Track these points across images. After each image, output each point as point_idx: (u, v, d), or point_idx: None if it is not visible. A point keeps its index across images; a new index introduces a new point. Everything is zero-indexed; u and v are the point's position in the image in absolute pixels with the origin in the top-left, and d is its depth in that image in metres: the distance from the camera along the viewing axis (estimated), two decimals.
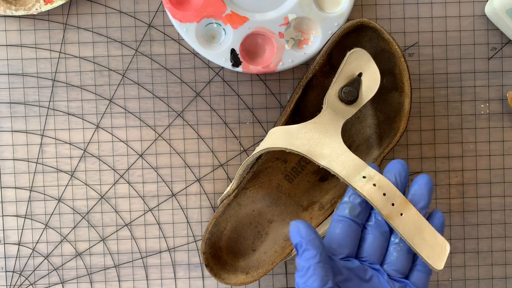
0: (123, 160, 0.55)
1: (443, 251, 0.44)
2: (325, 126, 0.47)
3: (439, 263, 0.44)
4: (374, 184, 0.45)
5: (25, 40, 0.54)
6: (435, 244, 0.44)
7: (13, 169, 0.55)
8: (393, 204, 0.45)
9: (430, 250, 0.44)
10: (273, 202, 0.54)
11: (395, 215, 0.45)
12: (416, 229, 0.44)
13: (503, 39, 0.55)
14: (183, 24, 0.52)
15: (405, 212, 0.45)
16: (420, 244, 0.44)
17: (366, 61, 0.48)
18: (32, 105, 0.55)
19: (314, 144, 0.47)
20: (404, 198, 0.45)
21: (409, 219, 0.45)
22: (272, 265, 0.53)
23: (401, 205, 0.45)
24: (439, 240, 0.44)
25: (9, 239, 0.56)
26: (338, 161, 0.46)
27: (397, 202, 0.45)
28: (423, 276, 0.46)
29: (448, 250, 0.45)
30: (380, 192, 0.45)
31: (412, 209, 0.45)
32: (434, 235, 0.44)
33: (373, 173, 0.45)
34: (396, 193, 0.45)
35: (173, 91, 0.55)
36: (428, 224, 0.45)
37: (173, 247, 0.56)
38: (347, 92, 0.48)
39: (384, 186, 0.45)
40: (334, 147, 0.47)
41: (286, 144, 0.47)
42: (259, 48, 0.53)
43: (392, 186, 0.45)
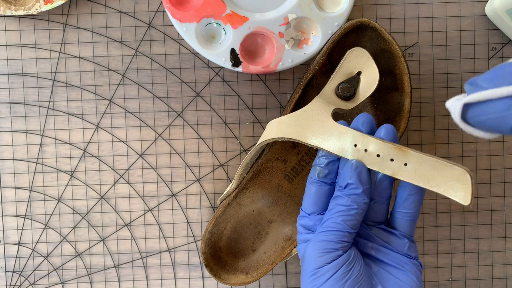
0: (123, 160, 0.55)
1: (465, 181, 0.41)
2: (314, 112, 0.47)
3: (466, 198, 0.41)
4: (365, 149, 0.44)
5: (25, 40, 0.54)
6: (454, 177, 0.41)
7: (13, 169, 0.55)
8: (392, 159, 0.43)
9: (451, 186, 0.41)
10: (273, 202, 0.54)
11: (399, 169, 0.43)
12: (428, 171, 0.42)
13: (503, 39, 0.55)
14: (183, 24, 0.52)
15: (407, 160, 0.43)
16: (439, 183, 0.41)
17: (365, 60, 0.48)
18: (32, 105, 0.55)
19: (304, 129, 0.47)
20: (400, 146, 0.42)
21: (415, 165, 0.42)
22: (272, 265, 0.53)
23: (399, 156, 0.43)
24: (456, 171, 0.41)
25: (9, 239, 0.56)
26: (328, 138, 0.45)
27: (394, 155, 0.43)
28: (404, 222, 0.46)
29: (470, 179, 0.41)
30: (374, 155, 0.44)
31: (413, 154, 0.42)
32: (451, 168, 0.41)
33: (361, 137, 0.44)
34: (389, 147, 0.43)
35: (173, 91, 0.55)
36: (438, 159, 0.42)
37: (173, 247, 0.56)
38: (343, 88, 0.48)
39: (375, 147, 0.43)
40: (324, 126, 0.46)
41: (277, 134, 0.47)
42: (259, 48, 0.53)
43: (380, 143, 0.43)
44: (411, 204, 0.46)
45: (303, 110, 0.47)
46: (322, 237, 0.44)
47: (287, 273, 0.57)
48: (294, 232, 0.53)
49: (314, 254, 0.44)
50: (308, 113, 0.47)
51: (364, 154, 0.44)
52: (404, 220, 0.46)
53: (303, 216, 0.47)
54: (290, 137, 0.46)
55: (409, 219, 0.46)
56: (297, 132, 0.46)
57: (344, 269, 0.44)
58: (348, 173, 0.45)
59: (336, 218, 0.44)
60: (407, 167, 0.43)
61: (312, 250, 0.44)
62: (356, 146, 0.44)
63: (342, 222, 0.44)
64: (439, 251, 0.57)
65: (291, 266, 0.57)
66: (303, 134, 0.46)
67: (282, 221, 0.54)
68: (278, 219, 0.54)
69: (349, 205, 0.44)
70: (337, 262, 0.44)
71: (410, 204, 0.46)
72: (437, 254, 0.57)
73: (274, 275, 0.57)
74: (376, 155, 0.44)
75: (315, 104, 0.48)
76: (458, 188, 0.41)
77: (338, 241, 0.44)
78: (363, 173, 0.44)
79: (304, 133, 0.46)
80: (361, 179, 0.44)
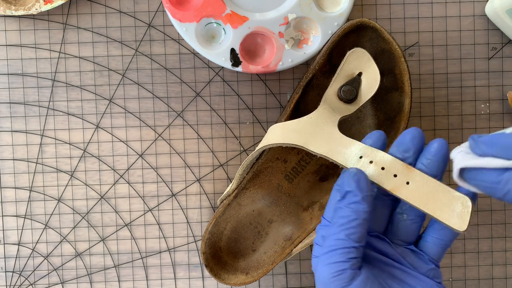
0: (123, 160, 0.55)
1: (464, 209, 0.40)
2: (321, 120, 0.47)
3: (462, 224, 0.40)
4: (370, 161, 0.43)
5: (25, 40, 0.54)
6: (453, 203, 0.41)
7: (13, 169, 0.55)
8: (395, 175, 0.42)
9: (449, 212, 0.41)
10: (273, 202, 0.54)
11: (400, 186, 0.42)
12: (428, 193, 0.41)
13: (503, 39, 0.55)
14: (183, 23, 0.52)
15: (410, 179, 0.42)
16: (437, 207, 0.41)
17: (366, 60, 0.48)
18: (32, 105, 0.55)
19: (309, 137, 0.46)
20: (406, 165, 0.42)
21: (417, 185, 0.42)
22: (272, 265, 0.53)
23: (404, 173, 0.42)
24: (457, 198, 0.41)
25: (9, 239, 0.56)
26: (334, 148, 0.45)
27: (399, 171, 0.42)
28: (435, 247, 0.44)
29: (470, 206, 0.40)
30: (378, 168, 0.43)
31: (418, 174, 0.42)
32: (450, 193, 0.41)
33: (368, 150, 0.44)
34: (395, 164, 0.42)
35: (173, 91, 0.55)
36: (441, 184, 0.41)
37: (173, 247, 0.56)
38: (346, 91, 0.48)
39: (381, 160, 0.43)
40: (329, 136, 0.46)
41: (282, 139, 0.47)
42: (259, 48, 0.53)
43: (388, 158, 0.43)
44: (447, 234, 0.43)
45: (309, 117, 0.47)
46: (328, 259, 0.42)
47: (287, 273, 0.57)
48: (294, 232, 0.53)
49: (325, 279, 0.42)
50: (314, 120, 0.47)
51: (368, 165, 0.43)
52: (436, 247, 0.44)
53: (325, 226, 0.44)
54: (295, 144, 0.46)
55: (441, 247, 0.44)
56: (302, 139, 0.46)
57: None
58: (346, 180, 0.43)
59: (339, 234, 0.42)
60: (408, 185, 0.42)
61: (322, 274, 0.42)
62: (362, 158, 0.44)
63: (346, 237, 0.42)
64: None
65: (291, 266, 0.57)
66: (308, 142, 0.46)
67: (282, 221, 0.54)
68: (278, 219, 0.54)
69: (349, 215, 0.42)
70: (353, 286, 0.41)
71: (446, 233, 0.43)
72: None
73: (274, 275, 0.57)
74: (381, 167, 0.43)
75: (320, 112, 0.47)
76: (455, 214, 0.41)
77: (345, 259, 0.41)
78: (361, 180, 0.42)
79: (310, 140, 0.46)
80: (359, 185, 0.42)
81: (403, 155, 0.43)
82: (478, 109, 0.56)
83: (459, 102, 0.56)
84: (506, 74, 0.55)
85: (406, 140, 0.43)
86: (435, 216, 0.41)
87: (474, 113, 0.56)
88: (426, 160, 0.43)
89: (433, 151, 0.43)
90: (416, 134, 0.43)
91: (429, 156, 0.43)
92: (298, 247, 0.52)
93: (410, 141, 0.43)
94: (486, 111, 0.56)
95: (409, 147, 0.43)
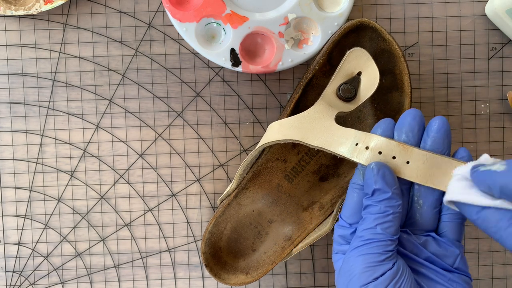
0: (123, 160, 0.55)
1: None
2: (318, 115, 0.47)
3: None
4: (366, 147, 0.43)
5: (25, 40, 0.54)
6: None
7: (13, 169, 0.55)
8: (394, 157, 0.42)
9: None
10: (273, 202, 0.54)
11: (401, 166, 0.42)
12: (430, 168, 0.42)
13: (503, 39, 0.55)
14: (183, 23, 0.52)
15: (410, 158, 0.42)
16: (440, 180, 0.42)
17: (365, 60, 0.48)
18: (32, 105, 0.55)
19: (307, 131, 0.46)
20: (403, 144, 0.42)
21: (417, 163, 0.42)
22: (272, 265, 0.53)
23: (402, 153, 0.42)
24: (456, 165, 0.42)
25: (9, 239, 0.56)
26: (331, 140, 0.45)
27: (397, 152, 0.42)
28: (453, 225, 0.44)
29: None
30: (375, 153, 0.43)
31: (416, 152, 0.42)
32: (450, 162, 0.41)
33: (362, 136, 0.43)
34: (392, 145, 0.42)
35: (173, 91, 0.55)
36: (442, 156, 0.42)
37: (173, 247, 0.56)
38: (344, 90, 0.48)
39: (376, 144, 0.43)
40: (327, 129, 0.46)
41: (280, 136, 0.47)
42: (259, 48, 0.53)
43: (382, 141, 0.43)
44: None
45: (306, 113, 0.47)
46: (363, 250, 0.41)
47: (287, 273, 0.57)
48: (294, 232, 0.53)
49: (357, 270, 0.41)
50: (311, 116, 0.47)
51: (365, 151, 0.43)
52: (453, 224, 0.43)
53: (342, 226, 0.44)
54: (293, 139, 0.46)
55: (458, 221, 0.43)
56: (300, 134, 0.46)
57: (393, 285, 0.41)
58: (371, 178, 0.42)
59: (374, 228, 0.42)
60: (409, 164, 0.42)
61: (355, 265, 0.42)
62: (358, 144, 0.44)
63: (381, 230, 0.41)
64: None
65: (291, 266, 0.57)
66: (306, 136, 0.46)
67: (282, 221, 0.54)
68: (278, 219, 0.54)
69: (383, 211, 0.42)
70: (385, 277, 0.41)
71: None
72: None
73: (274, 275, 0.57)
74: (378, 152, 0.43)
75: (317, 107, 0.47)
76: None
77: (382, 252, 0.41)
78: (387, 175, 0.42)
79: (307, 134, 0.46)
80: (386, 181, 0.42)
81: (408, 135, 0.43)
82: (478, 109, 0.56)
83: (459, 102, 0.56)
84: (506, 74, 0.55)
85: (407, 120, 0.43)
86: (440, 188, 0.42)
87: (474, 113, 0.56)
88: (431, 138, 0.43)
89: (435, 128, 0.43)
90: (416, 114, 0.43)
91: (432, 134, 0.43)
92: (298, 247, 0.52)
93: (412, 120, 0.43)
94: (486, 111, 0.56)
95: (412, 126, 0.43)
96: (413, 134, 0.43)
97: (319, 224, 0.53)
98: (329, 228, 0.50)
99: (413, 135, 0.43)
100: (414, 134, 0.43)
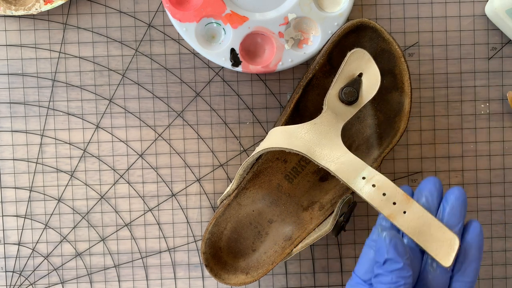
0: (123, 160, 0.55)
1: (452, 246, 0.43)
2: (325, 127, 0.47)
3: (446, 260, 0.43)
4: (373, 184, 0.45)
5: (25, 40, 0.54)
6: (443, 239, 0.43)
7: (13, 169, 0.55)
8: (395, 203, 0.44)
9: (437, 246, 0.43)
10: (273, 202, 0.54)
11: (398, 214, 0.44)
12: (422, 225, 0.43)
13: (503, 39, 0.55)
14: (183, 23, 0.52)
15: (408, 209, 0.44)
16: (427, 240, 0.43)
17: (366, 61, 0.48)
18: (32, 105, 0.55)
19: (314, 145, 0.47)
20: (406, 195, 0.44)
21: (413, 216, 0.43)
22: (272, 265, 0.53)
23: (403, 203, 0.44)
24: (447, 235, 0.43)
25: (9, 239, 0.56)
26: (338, 162, 0.46)
27: (399, 200, 0.44)
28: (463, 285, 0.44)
29: (457, 245, 0.43)
30: (380, 193, 0.44)
31: (416, 206, 0.44)
32: (442, 230, 0.43)
33: (372, 173, 0.45)
34: (397, 191, 0.44)
35: (173, 91, 0.55)
36: (435, 219, 0.43)
37: (173, 247, 0.56)
38: (347, 93, 0.48)
39: (383, 185, 0.44)
40: (334, 148, 0.47)
41: (287, 144, 0.47)
42: (259, 47, 0.53)
43: (391, 184, 0.44)
44: (471, 272, 0.44)
45: (313, 123, 0.47)
46: None
47: (287, 273, 0.57)
48: (294, 232, 0.53)
49: None
50: (318, 127, 0.47)
51: (371, 188, 0.44)
52: None
53: (357, 283, 0.44)
54: (300, 151, 0.46)
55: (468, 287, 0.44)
56: (306, 146, 0.46)
57: None
58: (383, 247, 0.42)
59: None
60: (405, 214, 0.44)
61: None
62: (364, 178, 0.45)
63: None
64: None
65: (291, 266, 0.57)
66: (312, 150, 0.46)
67: (282, 221, 0.54)
68: (278, 219, 0.54)
69: (395, 281, 0.42)
70: None
71: (471, 271, 0.44)
72: None
73: (274, 275, 0.57)
74: (382, 193, 0.44)
75: (324, 119, 0.48)
76: (443, 250, 0.43)
77: None
78: (399, 245, 0.42)
79: (314, 148, 0.46)
80: (398, 251, 0.42)
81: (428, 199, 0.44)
82: (478, 109, 0.56)
83: (459, 102, 0.56)
84: (506, 74, 0.55)
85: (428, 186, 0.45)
86: (424, 247, 0.43)
87: (474, 113, 0.56)
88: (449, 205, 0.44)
89: (453, 197, 0.44)
90: (436, 181, 0.45)
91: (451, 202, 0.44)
92: (298, 247, 0.52)
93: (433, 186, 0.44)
94: (486, 111, 0.56)
95: (432, 191, 0.44)
96: (432, 199, 0.44)
97: (319, 224, 0.53)
98: (329, 228, 0.50)
99: (432, 200, 0.44)
100: (434, 199, 0.44)
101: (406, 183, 0.56)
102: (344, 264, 0.56)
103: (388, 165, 0.56)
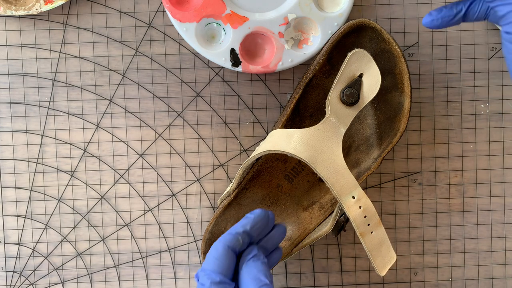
0: (123, 160, 0.55)
1: (390, 262, 0.50)
2: (327, 134, 0.48)
3: (383, 270, 0.50)
4: (360, 206, 0.47)
5: (25, 40, 0.54)
6: (386, 256, 0.50)
7: (13, 169, 0.55)
8: (369, 224, 0.48)
9: (381, 260, 0.49)
10: (273, 202, 0.54)
11: (367, 233, 0.48)
12: (378, 244, 0.49)
13: None
14: (183, 24, 0.52)
15: (375, 231, 0.49)
16: (376, 255, 0.49)
17: (366, 62, 0.48)
18: (32, 105, 0.55)
19: (315, 152, 0.47)
20: (379, 219, 0.49)
21: (376, 236, 0.49)
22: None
23: (375, 225, 0.48)
24: (391, 253, 0.50)
25: (9, 239, 0.56)
26: (335, 175, 0.47)
27: (373, 223, 0.48)
28: None
29: (394, 261, 0.50)
30: (363, 214, 0.48)
31: (381, 229, 0.49)
32: (389, 249, 0.50)
33: (361, 195, 0.48)
34: (375, 216, 0.48)
35: (173, 91, 0.55)
36: (388, 241, 0.50)
37: (173, 247, 0.56)
38: (348, 94, 0.48)
39: (367, 209, 0.48)
40: (334, 159, 0.47)
41: (289, 148, 0.47)
42: (259, 48, 0.53)
43: (373, 210, 0.48)
44: None
45: (316, 129, 0.48)
46: None
47: (287, 273, 0.57)
48: (294, 232, 0.53)
49: None
50: (321, 133, 0.48)
51: (357, 209, 0.48)
52: None
53: None
54: (302, 158, 0.47)
55: None
56: (309, 153, 0.47)
57: None
58: None
59: None
60: (372, 234, 0.49)
61: None
62: (354, 198, 0.48)
63: None
64: (438, 251, 0.57)
65: (291, 266, 0.57)
66: (314, 158, 0.47)
67: (282, 221, 0.54)
68: (278, 219, 0.54)
69: None
70: None
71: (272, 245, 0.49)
72: (436, 254, 0.57)
73: (274, 275, 0.57)
74: (364, 215, 0.48)
75: (327, 124, 0.48)
76: (384, 263, 0.49)
77: None
78: None
79: (315, 156, 0.47)
80: None
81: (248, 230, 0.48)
82: (477, 109, 0.56)
83: (459, 102, 0.56)
84: (505, 74, 0.55)
85: None
86: (372, 258, 0.49)
87: (474, 113, 0.56)
88: None
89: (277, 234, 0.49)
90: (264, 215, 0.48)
91: None
92: (298, 247, 0.52)
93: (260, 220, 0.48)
94: (485, 111, 0.56)
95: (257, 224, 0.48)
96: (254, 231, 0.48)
97: (319, 224, 0.53)
98: (329, 228, 0.50)
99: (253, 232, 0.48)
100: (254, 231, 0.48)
101: (406, 183, 0.56)
102: (344, 264, 0.57)
103: (388, 165, 0.56)
